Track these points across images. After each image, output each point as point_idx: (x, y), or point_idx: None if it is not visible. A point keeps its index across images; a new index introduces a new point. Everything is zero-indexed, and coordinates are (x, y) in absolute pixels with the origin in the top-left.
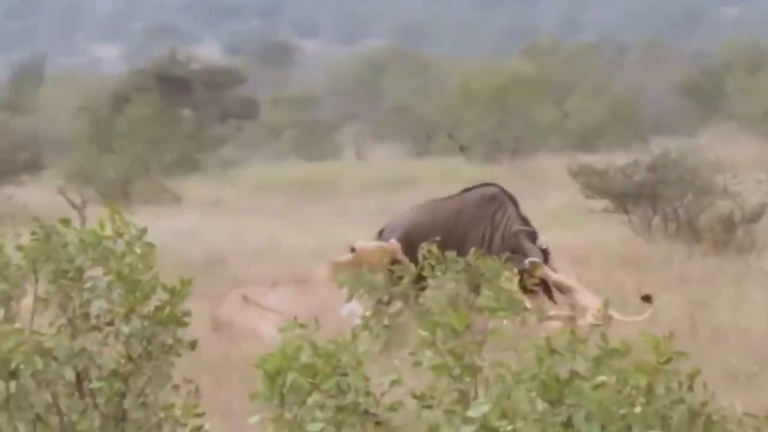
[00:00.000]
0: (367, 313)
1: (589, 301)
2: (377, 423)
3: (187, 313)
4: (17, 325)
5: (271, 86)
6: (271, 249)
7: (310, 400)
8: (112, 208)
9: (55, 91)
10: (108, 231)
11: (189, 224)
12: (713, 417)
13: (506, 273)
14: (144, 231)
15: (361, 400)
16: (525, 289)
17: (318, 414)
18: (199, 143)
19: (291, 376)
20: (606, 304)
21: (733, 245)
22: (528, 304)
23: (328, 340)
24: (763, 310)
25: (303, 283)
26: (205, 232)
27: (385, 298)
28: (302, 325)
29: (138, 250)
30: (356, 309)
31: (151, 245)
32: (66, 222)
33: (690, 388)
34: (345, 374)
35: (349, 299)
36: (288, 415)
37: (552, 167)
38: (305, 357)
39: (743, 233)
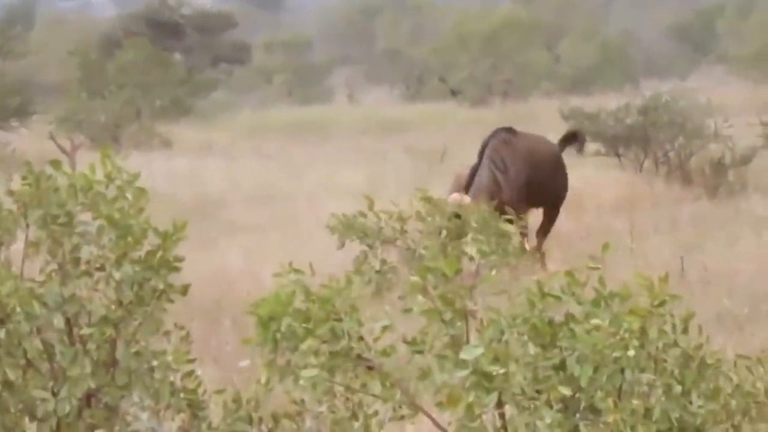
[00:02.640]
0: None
1: None
2: (369, 368)
3: (180, 259)
4: (13, 269)
5: (263, 30)
6: (264, 192)
7: (304, 346)
8: (103, 152)
9: (45, 35)
10: (99, 175)
11: (181, 168)
12: (707, 360)
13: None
14: (136, 176)
15: (354, 345)
16: None
17: (312, 359)
18: (190, 88)
19: (286, 322)
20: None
21: (724, 188)
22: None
23: (321, 285)
24: (753, 252)
25: None
26: (197, 176)
27: (377, 244)
28: (297, 271)
29: (129, 195)
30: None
31: (143, 190)
32: (56, 164)
33: (684, 331)
34: (339, 319)
35: (341, 246)
36: (280, 361)
37: (544, 110)
38: (299, 302)
39: (734, 176)
